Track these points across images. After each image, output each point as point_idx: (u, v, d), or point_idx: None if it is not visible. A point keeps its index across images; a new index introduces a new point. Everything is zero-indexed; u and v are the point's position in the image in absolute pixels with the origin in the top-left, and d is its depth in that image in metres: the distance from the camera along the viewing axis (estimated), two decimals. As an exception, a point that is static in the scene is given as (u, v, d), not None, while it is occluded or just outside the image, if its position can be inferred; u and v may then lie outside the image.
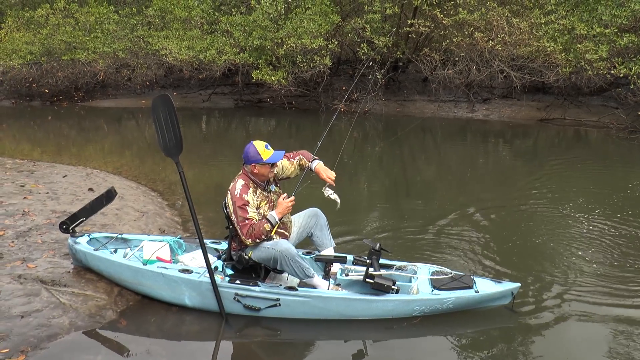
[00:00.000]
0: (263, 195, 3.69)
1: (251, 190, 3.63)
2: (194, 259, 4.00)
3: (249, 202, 3.58)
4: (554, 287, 4.13)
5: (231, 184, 3.67)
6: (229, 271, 3.81)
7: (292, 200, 3.66)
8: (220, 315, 3.61)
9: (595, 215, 5.82)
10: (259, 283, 3.61)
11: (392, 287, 3.54)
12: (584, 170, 8.28)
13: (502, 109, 13.30)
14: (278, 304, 3.56)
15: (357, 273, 3.77)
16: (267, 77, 11.76)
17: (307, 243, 4.09)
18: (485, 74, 12.05)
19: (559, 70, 11.06)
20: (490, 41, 11.26)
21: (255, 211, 3.60)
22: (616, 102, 12.18)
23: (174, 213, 5.89)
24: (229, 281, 3.62)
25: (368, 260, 3.71)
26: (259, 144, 3.62)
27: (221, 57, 12.03)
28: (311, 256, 4.03)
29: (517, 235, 5.27)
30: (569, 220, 5.73)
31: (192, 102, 14.93)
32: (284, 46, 11.56)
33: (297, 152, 3.91)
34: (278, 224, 3.63)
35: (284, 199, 3.65)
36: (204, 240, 3.61)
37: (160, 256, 3.86)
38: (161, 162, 8.05)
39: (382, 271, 3.64)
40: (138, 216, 5.44)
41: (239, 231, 3.56)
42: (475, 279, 3.78)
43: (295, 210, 3.89)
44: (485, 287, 3.70)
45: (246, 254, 3.66)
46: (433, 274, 3.84)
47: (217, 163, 8.64)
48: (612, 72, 10.51)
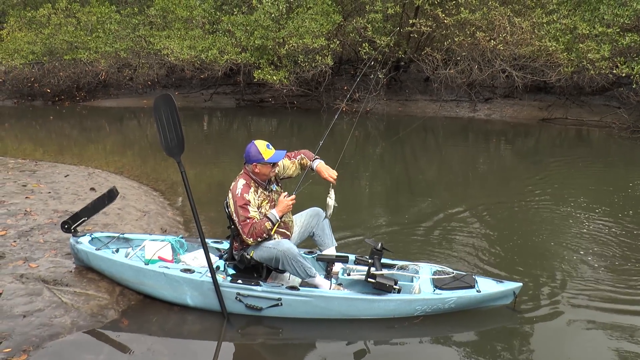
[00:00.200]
0: (264, 194, 3.69)
1: (252, 189, 3.62)
2: (195, 258, 4.00)
3: (250, 202, 3.57)
4: (556, 286, 4.12)
5: (232, 184, 3.67)
6: (231, 271, 3.81)
7: (293, 199, 3.65)
8: (222, 315, 3.61)
9: (597, 214, 5.81)
10: (260, 283, 3.61)
11: (394, 286, 3.54)
12: (586, 169, 8.27)
13: (504, 108, 13.28)
14: (280, 304, 3.56)
15: (359, 273, 3.76)
16: (269, 76, 11.77)
17: (308, 243, 4.09)
18: (487, 73, 12.05)
19: (561, 70, 11.05)
20: (492, 41, 11.25)
21: (256, 210, 3.60)
22: (618, 102, 12.15)
23: (175, 213, 5.89)
24: (231, 281, 3.61)
25: (370, 259, 3.71)
26: (260, 144, 3.61)
27: (223, 57, 12.05)
28: (313, 256, 4.03)
29: (519, 235, 5.26)
30: (571, 219, 5.72)
31: (193, 101, 14.95)
32: (286, 46, 11.56)
33: (298, 151, 3.91)
34: (279, 223, 3.63)
35: (284, 197, 3.64)
36: (205, 240, 3.61)
37: (162, 256, 3.87)
38: (163, 161, 8.06)
39: (384, 271, 3.64)
40: (140, 216, 5.44)
41: (240, 230, 3.56)
42: (477, 278, 3.78)
43: (296, 210, 3.89)
44: (487, 286, 3.70)
45: (248, 254, 3.66)
46: (435, 273, 3.84)
47: (219, 163, 8.65)
48: (614, 71, 10.49)
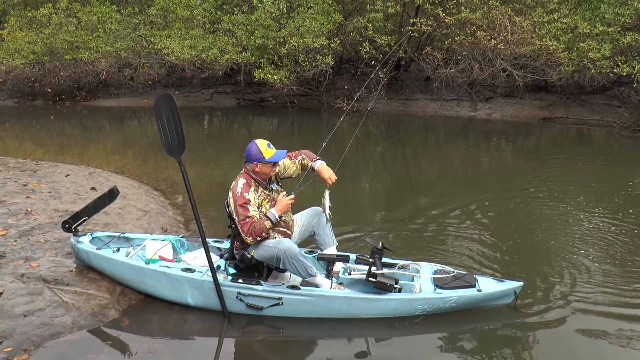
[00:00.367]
0: (264, 193, 3.69)
1: (252, 188, 3.62)
2: (196, 257, 4.00)
3: (250, 201, 3.57)
4: (557, 285, 4.12)
5: (233, 183, 3.67)
6: (232, 270, 3.81)
7: (292, 198, 3.65)
8: (222, 314, 3.61)
9: (598, 213, 5.81)
10: (261, 282, 3.61)
11: (395, 285, 3.54)
12: (587, 169, 8.27)
13: (505, 107, 13.27)
14: (281, 303, 3.56)
15: (360, 272, 3.76)
16: (270, 76, 11.77)
17: (309, 242, 4.09)
18: (487, 72, 12.05)
19: (562, 69, 11.04)
20: (493, 40, 11.25)
21: (256, 210, 3.60)
22: (619, 101, 12.15)
23: (176, 212, 5.89)
24: (232, 280, 3.61)
25: (370, 259, 3.70)
26: (261, 143, 3.61)
27: (223, 56, 12.05)
28: (313, 255, 4.03)
29: (519, 234, 5.26)
30: (572, 218, 5.72)
31: (194, 101, 14.95)
32: (286, 45, 11.56)
33: (299, 151, 3.90)
34: (278, 222, 3.63)
35: (283, 196, 3.64)
36: (206, 239, 3.61)
37: (162, 255, 3.86)
38: (163, 161, 8.06)
39: (385, 270, 3.63)
40: (140, 215, 5.44)
41: (240, 229, 3.56)
42: (477, 277, 3.78)
43: (297, 209, 3.89)
44: (488, 285, 3.70)
45: (249, 253, 3.66)
46: (435, 272, 3.83)
47: (220, 162, 8.65)
48: (615, 70, 10.49)
